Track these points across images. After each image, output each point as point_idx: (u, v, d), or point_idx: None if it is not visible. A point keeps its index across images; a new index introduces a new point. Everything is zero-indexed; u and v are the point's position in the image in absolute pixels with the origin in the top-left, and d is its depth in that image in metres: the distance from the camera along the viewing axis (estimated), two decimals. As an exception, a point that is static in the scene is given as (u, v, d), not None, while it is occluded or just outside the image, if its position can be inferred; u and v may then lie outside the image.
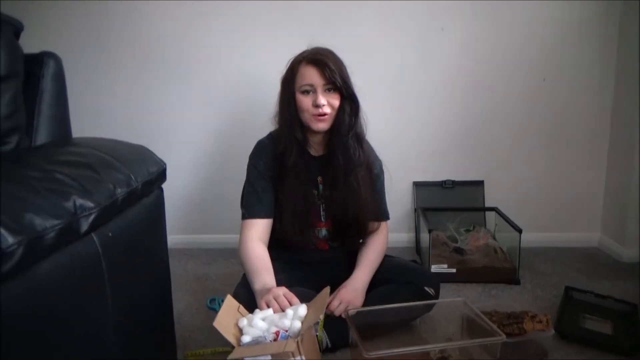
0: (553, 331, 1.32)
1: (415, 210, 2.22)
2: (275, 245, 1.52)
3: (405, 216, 2.26)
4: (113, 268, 0.87)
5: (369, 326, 1.31)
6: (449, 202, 2.19)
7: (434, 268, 1.85)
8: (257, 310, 1.26)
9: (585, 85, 2.10)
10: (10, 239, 0.61)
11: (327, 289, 1.29)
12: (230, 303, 1.27)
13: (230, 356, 1.12)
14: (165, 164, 1.11)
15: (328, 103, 1.40)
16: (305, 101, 1.41)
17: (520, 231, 1.81)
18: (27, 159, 0.81)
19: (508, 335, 1.28)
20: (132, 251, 0.97)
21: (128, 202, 0.91)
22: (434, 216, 2.11)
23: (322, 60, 1.39)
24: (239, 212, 1.53)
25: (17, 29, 0.96)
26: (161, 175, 1.06)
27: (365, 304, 1.43)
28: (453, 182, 2.20)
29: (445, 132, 2.17)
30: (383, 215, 1.61)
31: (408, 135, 2.18)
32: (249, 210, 1.49)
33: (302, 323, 1.19)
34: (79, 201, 0.76)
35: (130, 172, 0.92)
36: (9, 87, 0.91)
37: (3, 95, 0.89)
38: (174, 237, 2.15)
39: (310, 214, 1.52)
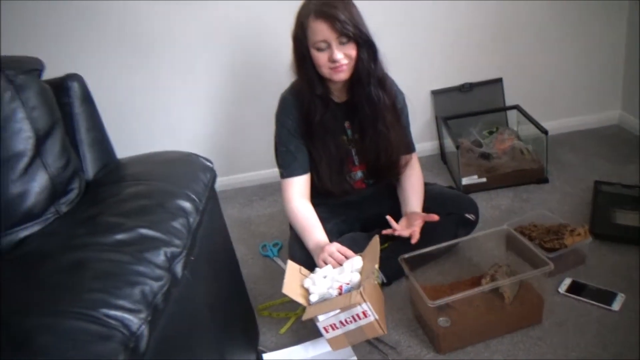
0: (591, 239, 1.43)
1: (437, 118, 2.23)
2: (316, 194, 1.59)
3: (426, 125, 2.28)
4: (202, 283, 0.95)
5: (419, 257, 1.42)
6: (469, 105, 2.18)
7: (465, 180, 1.92)
8: (317, 269, 1.38)
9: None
10: (136, 321, 0.68)
11: (377, 238, 1.38)
12: (292, 267, 1.38)
13: (305, 317, 1.25)
14: (212, 163, 1.13)
15: (345, 55, 1.36)
16: (321, 57, 1.37)
17: (546, 133, 1.85)
18: (104, 218, 0.84)
19: (549, 250, 1.40)
20: (208, 255, 1.04)
21: (200, 222, 0.96)
22: (456, 123, 2.13)
23: (331, 13, 1.31)
24: (264, 148, 1.58)
25: (40, 71, 0.93)
26: (213, 178, 1.09)
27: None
28: (471, 84, 2.18)
29: (455, 34, 2.09)
30: (410, 149, 1.65)
31: (419, 44, 2.11)
32: (287, 169, 1.53)
33: (360, 274, 1.31)
34: (169, 251, 0.81)
35: (193, 195, 0.96)
36: (56, 138, 0.91)
37: (53, 149, 0.90)
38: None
39: (344, 164, 1.56)
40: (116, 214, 0.86)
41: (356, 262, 1.34)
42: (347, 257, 1.37)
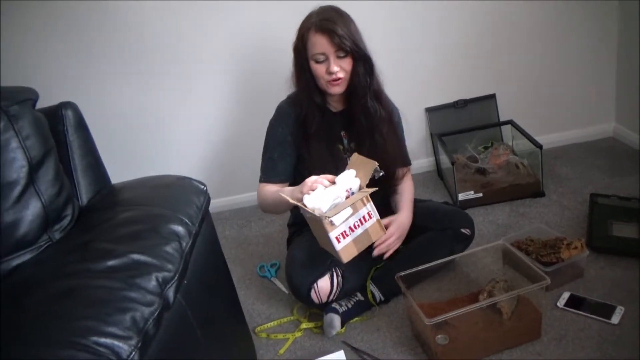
0: (587, 252, 1.42)
1: (432, 134, 2.24)
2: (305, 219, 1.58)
3: (422, 142, 2.29)
4: (195, 306, 0.95)
5: (415, 274, 1.41)
6: (464, 121, 2.20)
7: (461, 196, 1.93)
8: (310, 193, 1.29)
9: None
10: (126, 348, 0.68)
11: (355, 154, 1.37)
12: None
13: (332, 218, 1.21)
14: (205, 186, 1.14)
15: (341, 68, 1.40)
16: (319, 69, 1.41)
17: (540, 147, 1.85)
18: (96, 244, 0.85)
19: (546, 264, 1.39)
20: (202, 278, 1.04)
21: (192, 245, 0.96)
22: (451, 139, 2.14)
23: (330, 27, 1.36)
24: (260, 167, 1.60)
25: (34, 101, 0.94)
26: (207, 201, 1.10)
27: (406, 255, 1.54)
28: (465, 101, 2.20)
29: (449, 52, 2.12)
30: (406, 162, 1.66)
31: (413, 62, 2.13)
32: (265, 175, 1.57)
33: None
34: (160, 276, 0.81)
35: (186, 218, 0.96)
36: (50, 165, 0.92)
37: (46, 176, 0.91)
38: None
39: (339, 172, 1.57)
40: (108, 240, 0.86)
41: (349, 173, 1.31)
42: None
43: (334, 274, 1.45)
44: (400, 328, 1.41)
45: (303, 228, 1.63)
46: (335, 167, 1.55)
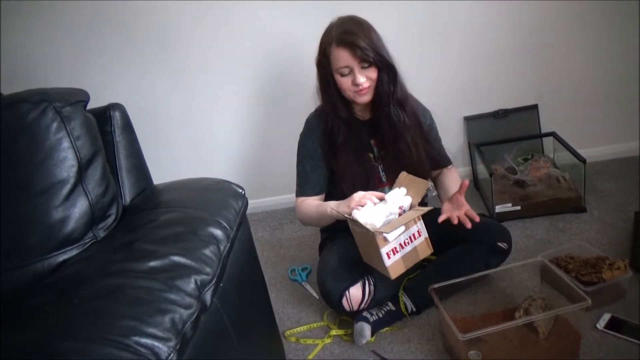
0: (631, 273, 1.37)
1: (469, 144, 2.21)
2: (338, 225, 1.57)
3: (459, 151, 2.26)
4: (230, 309, 0.97)
5: (449, 286, 1.39)
6: (503, 131, 2.15)
7: (499, 208, 1.89)
8: (359, 208, 1.31)
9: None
10: (165, 349, 0.69)
11: (403, 172, 1.40)
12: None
13: (386, 234, 1.23)
14: (244, 190, 1.15)
15: (367, 78, 1.41)
16: (345, 82, 1.42)
17: (584, 161, 1.80)
18: (139, 244, 0.87)
19: (587, 284, 1.35)
20: (237, 281, 1.06)
21: (230, 249, 0.97)
22: (489, 149, 2.10)
23: (352, 41, 1.36)
24: (294, 171, 1.62)
25: (85, 103, 0.98)
26: (245, 205, 1.11)
27: (440, 266, 1.52)
28: (505, 110, 2.15)
29: (490, 60, 2.08)
30: (446, 162, 1.66)
31: (453, 70, 2.10)
32: (300, 189, 1.59)
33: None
34: (199, 279, 0.82)
35: (224, 222, 0.98)
36: (98, 165, 0.95)
37: (94, 175, 0.94)
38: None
39: (370, 181, 1.57)
40: (151, 240, 0.88)
41: (399, 191, 1.33)
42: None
43: (367, 282, 1.45)
44: (431, 340, 1.39)
45: (336, 234, 1.63)
46: (366, 177, 1.55)
